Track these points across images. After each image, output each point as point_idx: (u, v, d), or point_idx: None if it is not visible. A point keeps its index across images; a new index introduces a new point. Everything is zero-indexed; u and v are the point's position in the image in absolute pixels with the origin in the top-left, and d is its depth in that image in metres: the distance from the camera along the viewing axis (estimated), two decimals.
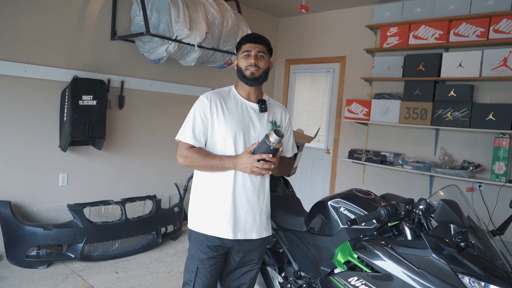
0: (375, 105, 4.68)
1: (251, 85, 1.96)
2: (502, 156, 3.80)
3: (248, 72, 1.94)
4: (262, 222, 2.03)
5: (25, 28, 3.58)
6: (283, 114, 2.11)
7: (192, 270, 1.97)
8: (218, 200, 1.95)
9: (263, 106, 2.00)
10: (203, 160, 1.89)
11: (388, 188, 4.58)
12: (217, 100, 1.95)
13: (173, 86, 4.74)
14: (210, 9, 4.17)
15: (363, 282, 1.75)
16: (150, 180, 4.62)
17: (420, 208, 1.74)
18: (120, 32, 4.15)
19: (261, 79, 1.97)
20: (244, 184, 1.95)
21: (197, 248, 1.98)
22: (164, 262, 3.76)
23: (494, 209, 3.93)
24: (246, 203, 1.96)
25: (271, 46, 2.04)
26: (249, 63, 1.93)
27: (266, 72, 1.99)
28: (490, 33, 3.92)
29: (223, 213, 1.94)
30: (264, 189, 2.04)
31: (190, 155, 1.91)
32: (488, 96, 4.10)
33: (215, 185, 1.95)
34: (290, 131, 2.15)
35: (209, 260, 1.96)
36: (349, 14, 5.21)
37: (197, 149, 1.92)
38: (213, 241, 1.95)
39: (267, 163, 1.83)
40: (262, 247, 2.12)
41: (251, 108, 2.00)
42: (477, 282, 1.50)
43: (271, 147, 1.80)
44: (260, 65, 1.95)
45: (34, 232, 3.42)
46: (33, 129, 3.71)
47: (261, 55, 1.97)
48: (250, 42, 1.97)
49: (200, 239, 1.96)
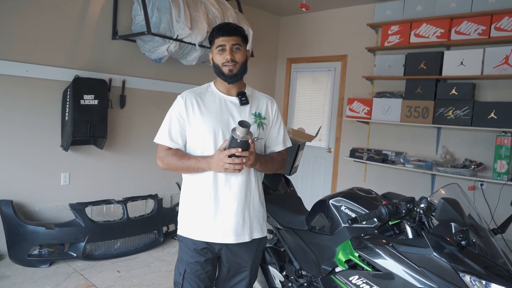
0: (376, 103, 4.67)
1: (230, 82, 1.85)
2: (504, 154, 3.79)
3: (226, 69, 1.81)
4: (252, 222, 1.89)
5: (27, 28, 3.59)
6: (269, 105, 1.96)
7: (180, 272, 1.90)
8: (201, 203, 1.85)
9: (243, 98, 1.86)
10: (178, 162, 1.81)
11: (390, 187, 4.57)
12: (193, 98, 1.85)
13: (175, 85, 4.74)
14: (211, 8, 4.17)
15: (364, 281, 1.75)
16: (151, 179, 4.63)
17: (421, 207, 1.74)
18: (121, 31, 4.15)
19: (240, 74, 1.85)
20: (228, 183, 1.83)
21: (184, 251, 1.90)
22: (166, 261, 3.77)
23: (496, 207, 3.92)
24: (234, 203, 1.84)
25: (245, 34, 1.89)
26: (225, 59, 1.81)
27: (244, 64, 1.86)
28: (492, 31, 3.91)
29: (207, 216, 1.83)
30: (250, 186, 1.88)
31: (166, 157, 1.83)
32: (489, 95, 4.09)
33: (197, 187, 1.86)
34: (280, 122, 1.99)
35: (196, 265, 1.87)
36: (350, 12, 5.20)
37: (174, 150, 1.84)
38: (200, 245, 1.85)
39: (238, 159, 1.68)
40: (256, 251, 1.96)
41: (230, 102, 1.87)
42: (478, 280, 1.49)
43: (238, 140, 1.66)
44: (237, 58, 1.82)
45: (36, 231, 3.43)
46: (35, 128, 3.71)
47: (237, 47, 1.83)
48: (223, 35, 1.82)
49: (187, 243, 1.89)
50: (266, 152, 1.98)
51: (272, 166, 1.92)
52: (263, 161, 1.85)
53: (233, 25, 1.87)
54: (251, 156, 1.71)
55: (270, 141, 1.98)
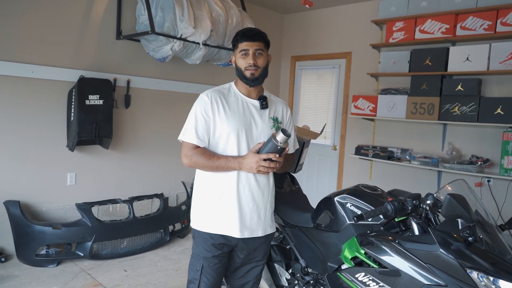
0: (381, 100, 4.65)
1: (252, 85, 1.94)
2: (511, 150, 3.76)
3: (248, 73, 1.90)
4: (266, 219, 2.02)
5: (31, 29, 3.61)
6: (284, 110, 2.08)
7: (197, 268, 1.96)
8: (223, 199, 1.93)
9: (264, 102, 1.96)
10: (208, 161, 1.87)
11: (396, 184, 4.55)
12: (218, 97, 1.92)
13: (179, 85, 4.75)
14: (214, 6, 4.17)
15: (371, 278, 1.74)
16: (157, 178, 4.64)
17: (428, 203, 1.72)
18: (125, 31, 4.16)
19: (262, 78, 1.94)
20: (248, 181, 1.93)
21: (201, 246, 1.97)
22: (172, 259, 3.78)
23: (504, 203, 3.89)
24: (251, 200, 1.95)
25: (268, 39, 1.98)
26: (248, 63, 1.89)
27: (265, 68, 1.95)
28: (498, 26, 3.87)
29: (229, 211, 1.92)
30: (268, 186, 2.02)
31: (195, 156, 1.89)
32: (496, 90, 4.05)
33: (219, 183, 1.93)
34: (292, 127, 2.12)
35: (214, 259, 1.95)
36: (354, 9, 5.17)
37: (202, 149, 1.90)
38: (218, 239, 1.94)
39: (273, 163, 1.81)
40: (266, 244, 2.11)
41: (252, 105, 1.97)
42: (485, 276, 1.48)
43: (278, 147, 1.77)
44: (259, 63, 1.91)
45: (43, 231, 3.46)
46: (41, 129, 3.74)
47: (259, 52, 1.92)
48: (247, 40, 1.90)
49: (204, 238, 1.95)
50: None
51: (285, 167, 2.08)
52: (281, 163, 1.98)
53: (257, 30, 1.95)
54: (282, 161, 1.86)
55: None
